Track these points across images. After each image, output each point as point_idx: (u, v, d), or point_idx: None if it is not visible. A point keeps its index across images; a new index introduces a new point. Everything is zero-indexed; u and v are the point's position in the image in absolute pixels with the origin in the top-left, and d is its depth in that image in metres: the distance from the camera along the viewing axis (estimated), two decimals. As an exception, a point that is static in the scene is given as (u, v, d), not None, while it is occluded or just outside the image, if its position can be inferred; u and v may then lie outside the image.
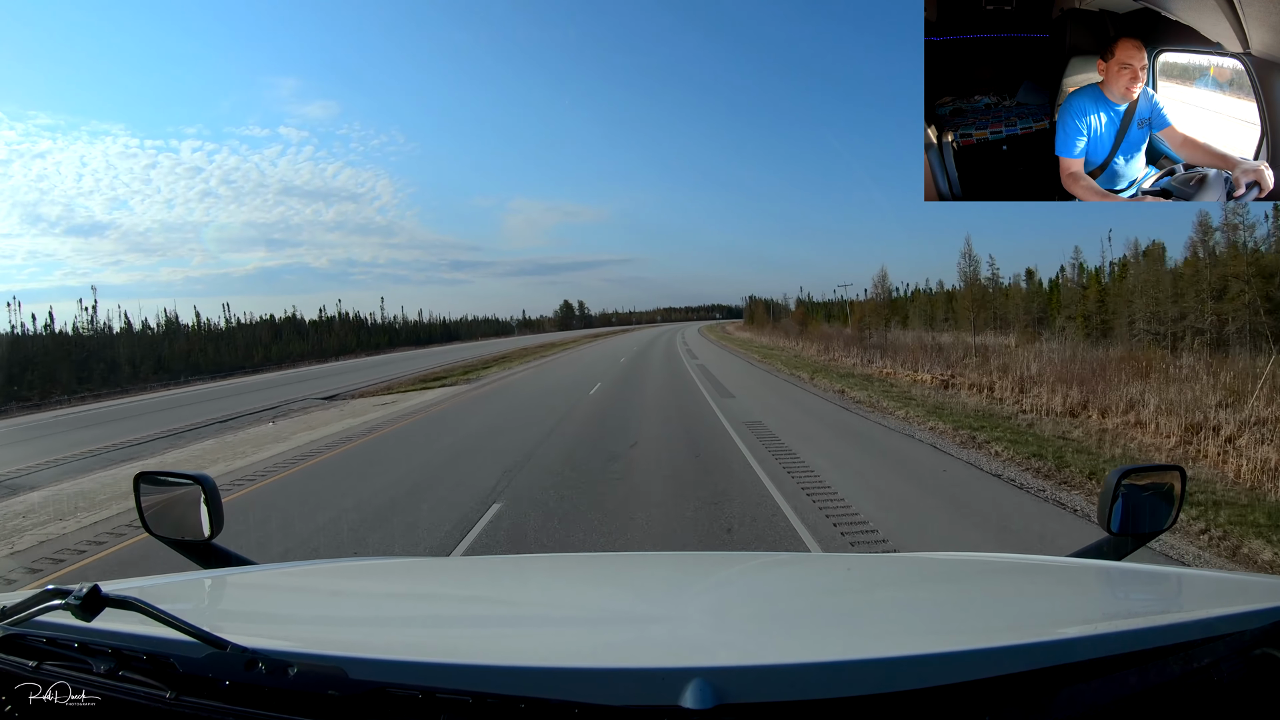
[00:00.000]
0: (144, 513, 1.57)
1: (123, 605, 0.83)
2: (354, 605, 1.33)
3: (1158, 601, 1.24)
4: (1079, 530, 5.29)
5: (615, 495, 6.69)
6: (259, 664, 0.81)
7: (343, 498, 7.20)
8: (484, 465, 8.41)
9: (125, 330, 58.33)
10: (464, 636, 1.09)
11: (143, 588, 1.07)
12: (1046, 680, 0.79)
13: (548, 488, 7.09)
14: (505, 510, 6.29)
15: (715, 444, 9.28)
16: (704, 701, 0.73)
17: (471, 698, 0.78)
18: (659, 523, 5.77)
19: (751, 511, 6.00)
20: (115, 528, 6.74)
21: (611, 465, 8.11)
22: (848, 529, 5.45)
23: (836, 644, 0.97)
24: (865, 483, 6.97)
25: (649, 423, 11.50)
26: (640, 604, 1.31)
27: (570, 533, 5.57)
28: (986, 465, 7.73)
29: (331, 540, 5.70)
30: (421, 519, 6.18)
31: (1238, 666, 0.84)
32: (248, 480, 8.68)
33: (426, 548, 5.38)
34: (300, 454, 10.53)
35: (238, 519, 6.24)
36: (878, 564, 2.00)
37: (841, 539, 5.24)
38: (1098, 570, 1.38)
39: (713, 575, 1.52)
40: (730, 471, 7.57)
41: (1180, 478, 1.50)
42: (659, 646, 0.98)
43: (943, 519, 5.77)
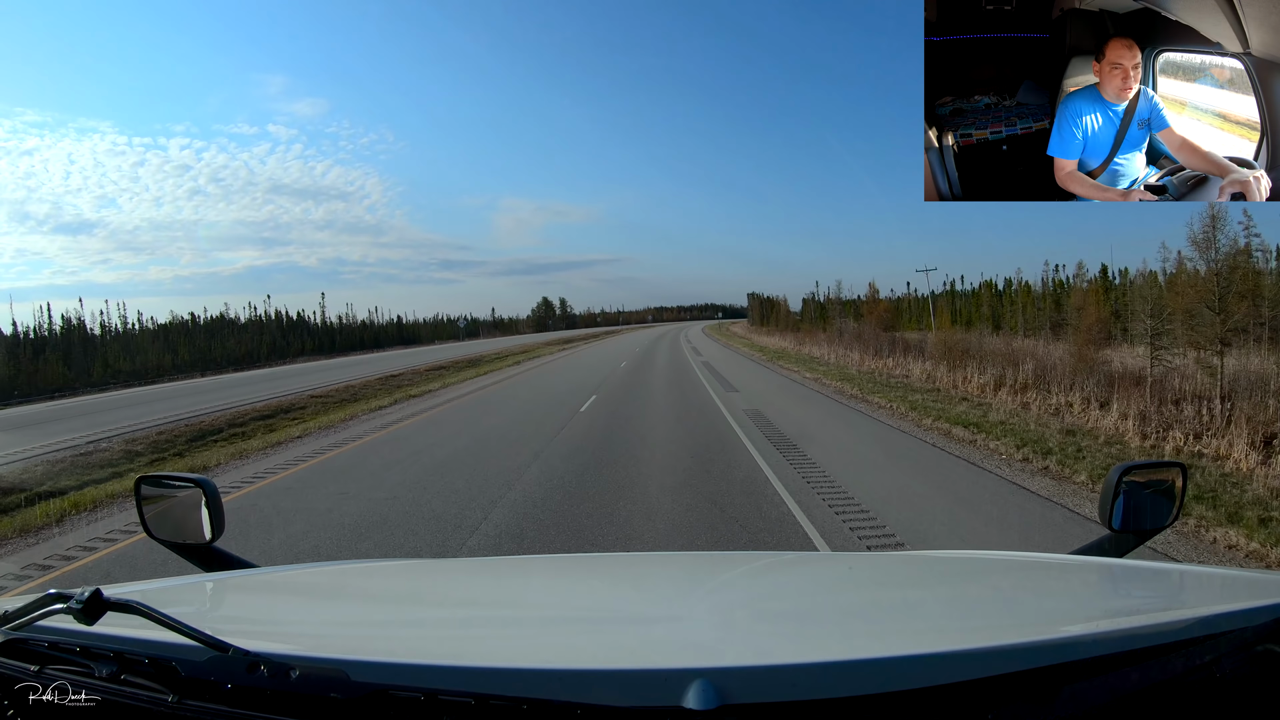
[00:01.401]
0: (145, 516, 1.57)
1: (124, 609, 0.83)
2: (355, 607, 1.33)
3: (1159, 598, 1.24)
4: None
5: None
6: (261, 667, 0.81)
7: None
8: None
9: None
10: (466, 638, 1.09)
11: (144, 591, 1.07)
12: (1049, 678, 0.79)
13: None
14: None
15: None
16: (707, 702, 0.73)
17: (474, 699, 0.78)
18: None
19: None
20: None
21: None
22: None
23: (839, 644, 0.97)
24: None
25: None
26: (643, 604, 1.31)
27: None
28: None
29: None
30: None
31: (1240, 663, 0.84)
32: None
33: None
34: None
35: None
36: (880, 563, 2.00)
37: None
38: (1099, 567, 1.38)
39: (715, 575, 1.52)
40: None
41: (1181, 474, 1.50)
42: (662, 647, 0.98)
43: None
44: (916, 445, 9.39)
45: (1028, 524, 5.82)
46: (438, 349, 59.55)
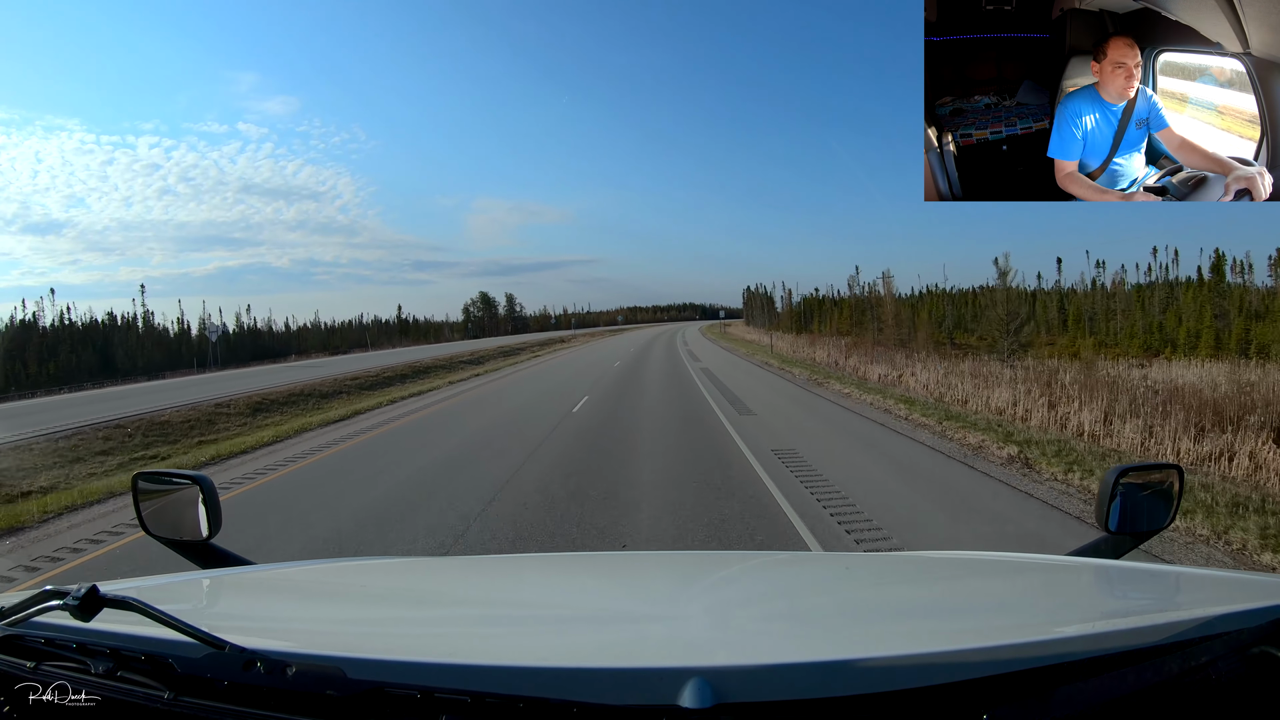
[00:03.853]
0: (142, 512, 1.57)
1: (121, 605, 0.83)
2: (352, 605, 1.33)
3: (1155, 600, 1.24)
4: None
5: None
6: (257, 664, 0.81)
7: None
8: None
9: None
10: (462, 636, 1.09)
11: (141, 588, 1.07)
12: (1044, 679, 0.80)
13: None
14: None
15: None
16: (703, 701, 0.73)
17: (470, 697, 0.78)
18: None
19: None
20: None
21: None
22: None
23: (835, 643, 0.97)
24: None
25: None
26: (639, 603, 1.31)
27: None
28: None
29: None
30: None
31: (1236, 665, 0.84)
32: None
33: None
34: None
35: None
36: (876, 563, 2.00)
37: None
38: (1096, 569, 1.38)
39: (712, 575, 1.52)
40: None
41: (1178, 476, 1.50)
42: (658, 646, 0.98)
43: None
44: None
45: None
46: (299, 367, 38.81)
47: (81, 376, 45.35)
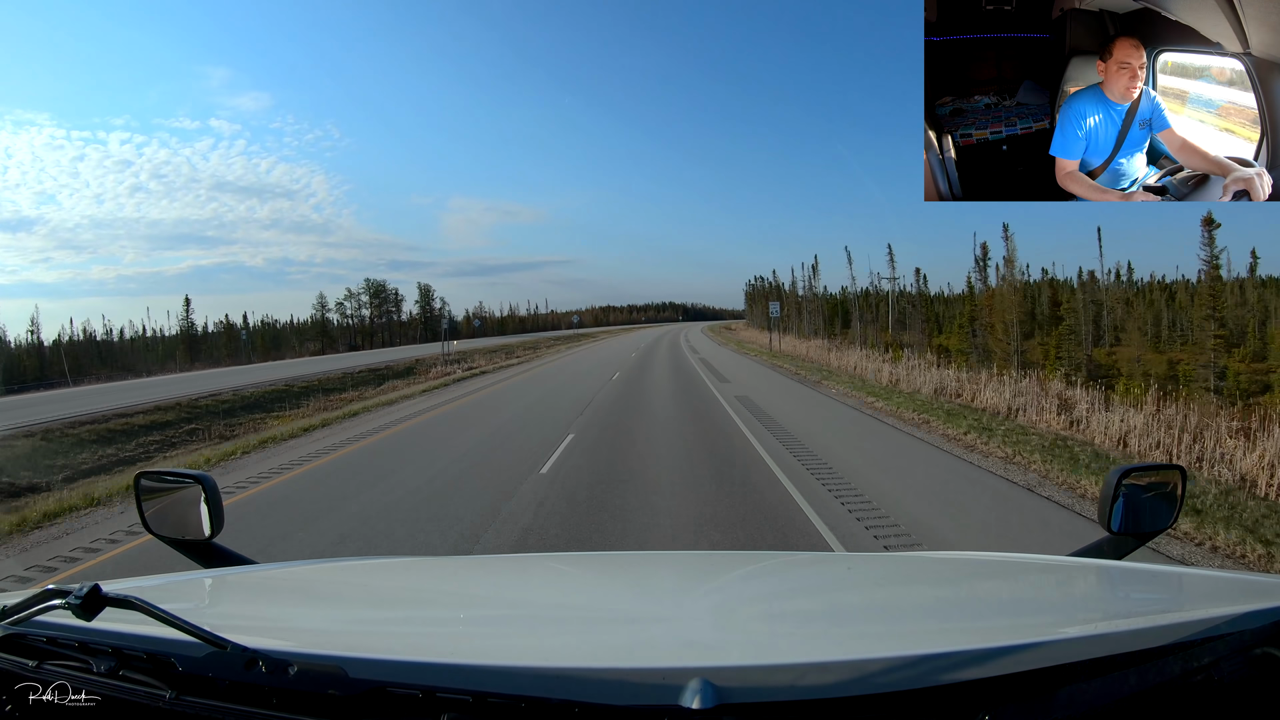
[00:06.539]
0: (144, 512, 1.57)
1: (123, 605, 0.83)
2: (354, 605, 1.33)
3: (1158, 601, 1.24)
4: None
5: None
6: (259, 663, 0.81)
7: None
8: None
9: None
10: (464, 636, 1.09)
11: (143, 587, 1.07)
12: (1047, 679, 0.79)
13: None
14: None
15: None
16: (705, 701, 0.73)
17: (472, 697, 0.78)
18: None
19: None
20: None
21: None
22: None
23: (837, 644, 0.97)
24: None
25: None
26: (642, 604, 1.31)
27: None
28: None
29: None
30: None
31: (1238, 666, 0.84)
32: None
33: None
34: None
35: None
36: (878, 564, 1.99)
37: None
38: (1098, 569, 1.38)
39: (714, 575, 1.52)
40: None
41: (1181, 477, 1.50)
42: (660, 646, 0.98)
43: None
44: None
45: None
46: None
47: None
